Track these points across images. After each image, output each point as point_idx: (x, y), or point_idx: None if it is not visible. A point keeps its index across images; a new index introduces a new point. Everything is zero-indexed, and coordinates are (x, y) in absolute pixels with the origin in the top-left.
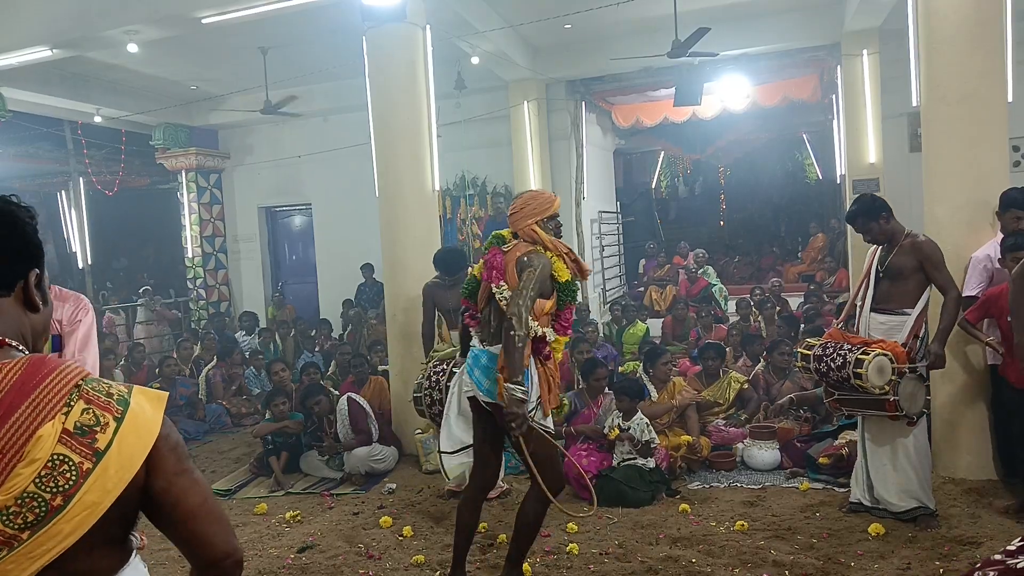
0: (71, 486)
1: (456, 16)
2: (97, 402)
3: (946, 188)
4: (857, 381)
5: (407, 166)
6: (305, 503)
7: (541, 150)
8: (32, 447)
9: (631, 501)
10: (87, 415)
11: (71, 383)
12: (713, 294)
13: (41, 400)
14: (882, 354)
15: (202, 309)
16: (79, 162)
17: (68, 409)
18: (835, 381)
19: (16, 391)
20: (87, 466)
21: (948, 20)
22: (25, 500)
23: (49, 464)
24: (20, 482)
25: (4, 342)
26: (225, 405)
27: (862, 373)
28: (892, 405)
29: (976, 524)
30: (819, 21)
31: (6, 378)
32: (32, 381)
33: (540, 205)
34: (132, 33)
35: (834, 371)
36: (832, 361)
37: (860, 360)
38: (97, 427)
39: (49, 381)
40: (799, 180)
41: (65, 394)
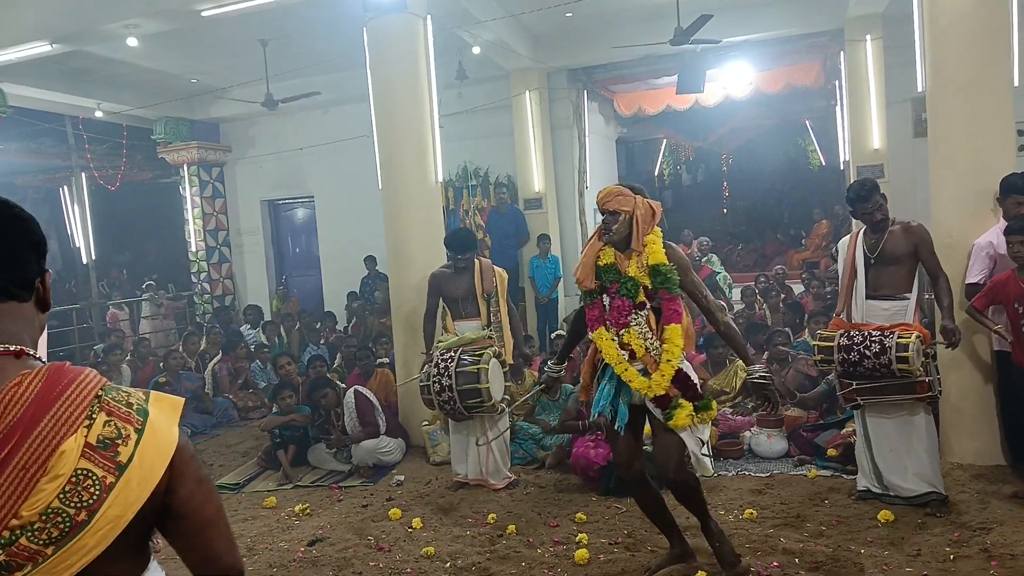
0: (95, 501)
1: (456, 5)
2: (118, 413)
3: (952, 174)
4: (902, 366)
5: (410, 157)
6: (314, 496)
7: (543, 139)
8: (56, 462)
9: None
10: (109, 427)
11: (92, 393)
12: (717, 282)
13: (63, 413)
14: (918, 336)
15: (206, 303)
16: (81, 157)
17: (90, 422)
18: (870, 368)
19: (38, 403)
20: (110, 480)
21: (953, 5)
22: (49, 516)
23: (73, 479)
24: (44, 498)
25: (23, 352)
26: (231, 399)
27: (908, 356)
28: (925, 386)
29: (986, 510)
30: (822, 7)
31: (28, 390)
32: (53, 392)
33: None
34: (132, 27)
35: (870, 358)
36: (867, 349)
37: (902, 344)
38: (119, 440)
39: (71, 392)
40: (801, 167)
41: (87, 406)
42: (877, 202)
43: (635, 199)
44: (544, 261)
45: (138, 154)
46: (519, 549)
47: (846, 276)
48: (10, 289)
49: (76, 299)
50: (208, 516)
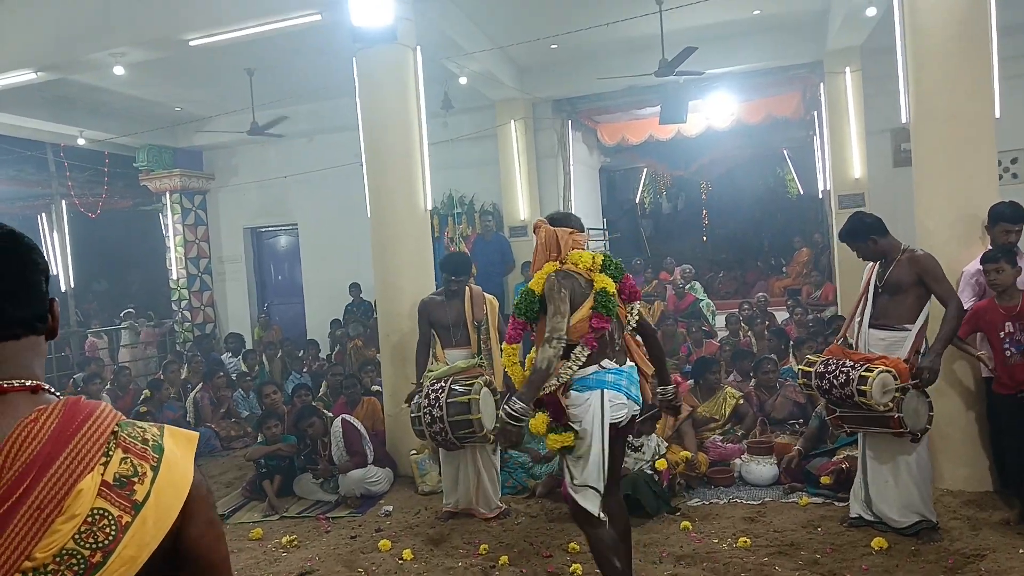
0: (110, 541)
1: (444, 37)
2: (134, 450)
3: (937, 203)
4: (861, 399)
5: (399, 186)
6: (301, 527)
7: (528, 168)
8: (72, 501)
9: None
10: (125, 465)
11: (108, 429)
12: (701, 309)
13: (80, 450)
14: (885, 371)
15: (187, 331)
16: (62, 184)
17: (107, 460)
18: (838, 398)
19: (54, 440)
20: (126, 520)
21: (935, 38)
22: (64, 558)
23: (88, 519)
24: (59, 539)
25: (39, 387)
26: (214, 428)
27: (866, 390)
28: (896, 422)
29: (978, 536)
30: (802, 40)
31: (44, 427)
32: (70, 429)
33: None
34: (118, 55)
35: (837, 388)
36: (835, 378)
37: (864, 377)
38: (135, 478)
39: (87, 428)
40: (780, 195)
41: (103, 443)
42: (856, 246)
43: (543, 228)
44: None
45: (120, 182)
46: None
47: (857, 302)
48: (34, 324)
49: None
50: (216, 560)
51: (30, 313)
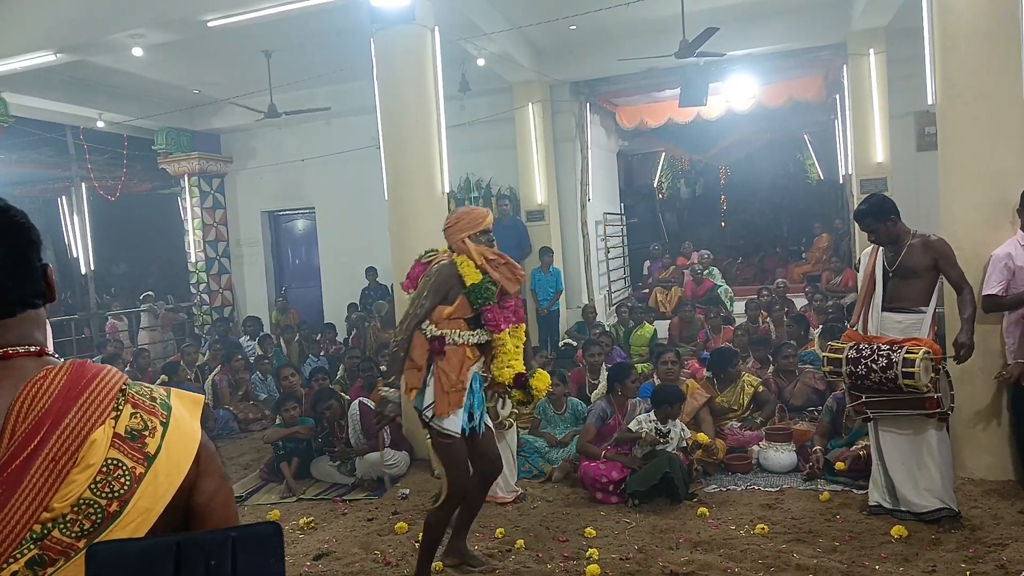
0: (126, 491)
1: (462, 18)
2: (143, 406)
3: (963, 187)
4: (908, 381)
5: (417, 168)
6: (318, 509)
7: (546, 152)
8: (87, 451)
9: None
10: (135, 419)
11: (116, 387)
12: (719, 295)
13: (91, 404)
14: (927, 351)
15: (205, 314)
16: (81, 167)
17: (117, 414)
18: (877, 383)
19: (64, 395)
20: (140, 470)
21: (964, 18)
22: (81, 507)
23: (104, 469)
24: (75, 488)
25: (43, 351)
26: (232, 411)
27: (914, 372)
28: (933, 402)
29: (999, 526)
30: (825, 21)
31: (53, 383)
32: (78, 386)
33: (472, 221)
34: (137, 37)
35: (877, 372)
36: (873, 363)
37: (909, 359)
38: (146, 431)
39: (96, 385)
40: (800, 180)
41: (112, 398)
42: (875, 226)
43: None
44: (546, 274)
45: (138, 164)
46: (528, 564)
47: (864, 288)
48: (32, 301)
49: (73, 310)
50: (230, 516)
51: (28, 291)
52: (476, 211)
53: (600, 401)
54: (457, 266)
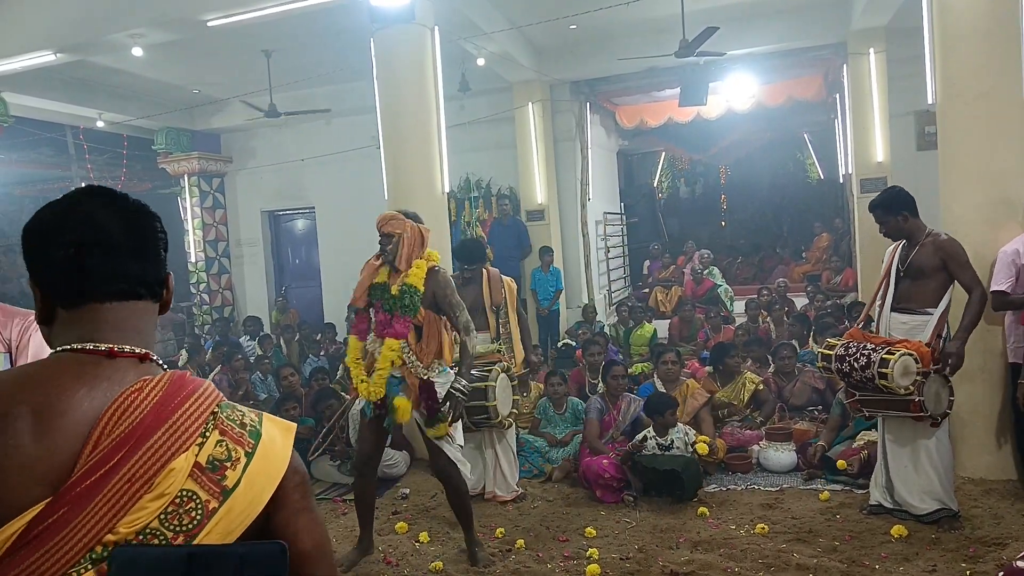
0: (195, 526)
1: (462, 17)
2: (231, 434)
3: (964, 186)
4: (882, 381)
5: (417, 168)
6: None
7: (546, 151)
8: (163, 479)
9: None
10: (220, 448)
11: (208, 409)
12: (719, 295)
13: (179, 427)
14: (907, 354)
15: (205, 314)
16: (81, 167)
17: (203, 440)
18: (858, 381)
19: (156, 413)
20: (213, 505)
21: (964, 17)
22: (147, 536)
23: (176, 500)
24: (144, 516)
25: (148, 356)
26: None
27: (887, 373)
28: (917, 406)
29: (1000, 525)
30: (825, 20)
31: (148, 397)
32: (172, 403)
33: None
34: (137, 37)
35: (857, 371)
36: (855, 361)
37: (885, 360)
38: (228, 462)
39: (189, 405)
40: (800, 180)
41: (202, 422)
42: (885, 220)
43: (406, 224)
44: (546, 273)
45: (138, 164)
46: (529, 564)
47: (878, 286)
48: (155, 288)
49: None
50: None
51: (154, 275)
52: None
53: (595, 397)
54: None
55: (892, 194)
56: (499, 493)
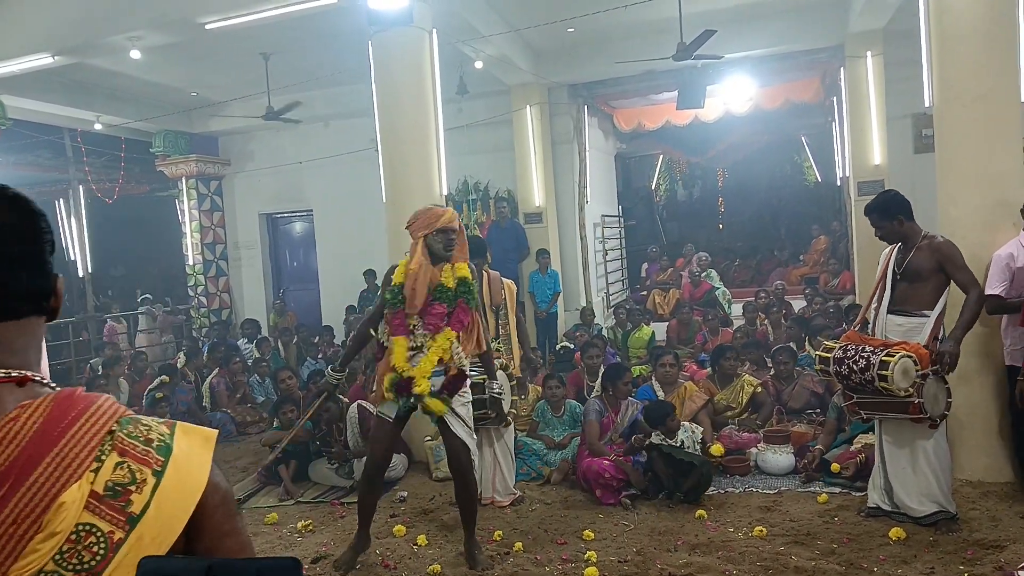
0: (98, 561)
1: (460, 20)
2: (133, 453)
3: (962, 188)
4: (882, 384)
5: (415, 170)
6: (316, 512)
7: (544, 154)
8: (53, 516)
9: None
10: (121, 471)
11: (104, 428)
12: (717, 297)
13: (67, 453)
14: (907, 356)
15: (203, 317)
16: (79, 170)
17: (98, 465)
18: (857, 383)
19: (37, 442)
20: (118, 536)
21: (961, 19)
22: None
23: (73, 536)
24: (37, 559)
25: (27, 378)
26: (230, 413)
27: (888, 375)
28: (916, 407)
29: (997, 527)
30: (823, 23)
31: (25, 427)
32: (57, 428)
33: (428, 219)
34: (135, 39)
35: (857, 373)
36: (855, 363)
37: (885, 362)
38: (132, 485)
39: (78, 428)
40: (797, 182)
41: (96, 444)
42: (881, 223)
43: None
44: (543, 276)
45: (136, 167)
46: (527, 567)
47: (874, 289)
48: (39, 300)
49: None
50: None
51: (36, 286)
52: (434, 210)
53: (594, 399)
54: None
55: (887, 198)
56: (497, 497)
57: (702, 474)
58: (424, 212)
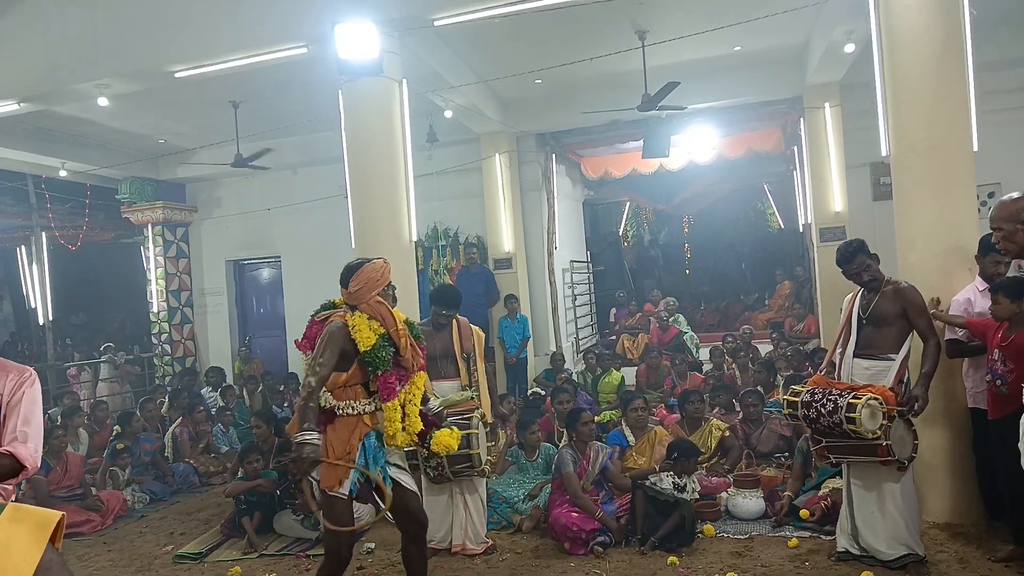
0: None
1: (430, 70)
2: None
3: (919, 235)
4: (850, 426)
5: (384, 218)
6: (280, 565)
7: (513, 201)
8: None
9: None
10: None
11: None
12: (685, 342)
13: None
14: (873, 398)
15: (167, 364)
16: (42, 216)
17: None
18: (825, 427)
19: None
20: None
21: (913, 73)
22: None
23: None
24: None
25: None
26: (193, 464)
27: (855, 418)
28: (884, 450)
29: (966, 569)
30: (782, 75)
31: None
32: None
33: (380, 277)
34: (103, 87)
35: (824, 417)
36: (822, 407)
37: (852, 404)
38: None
39: None
40: (761, 229)
41: None
42: (863, 262)
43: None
44: (513, 321)
45: (101, 214)
46: None
47: (839, 333)
48: None
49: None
50: None
51: None
52: (375, 264)
53: (565, 448)
54: (350, 328)
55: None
56: (469, 545)
57: (683, 516)
58: (371, 270)
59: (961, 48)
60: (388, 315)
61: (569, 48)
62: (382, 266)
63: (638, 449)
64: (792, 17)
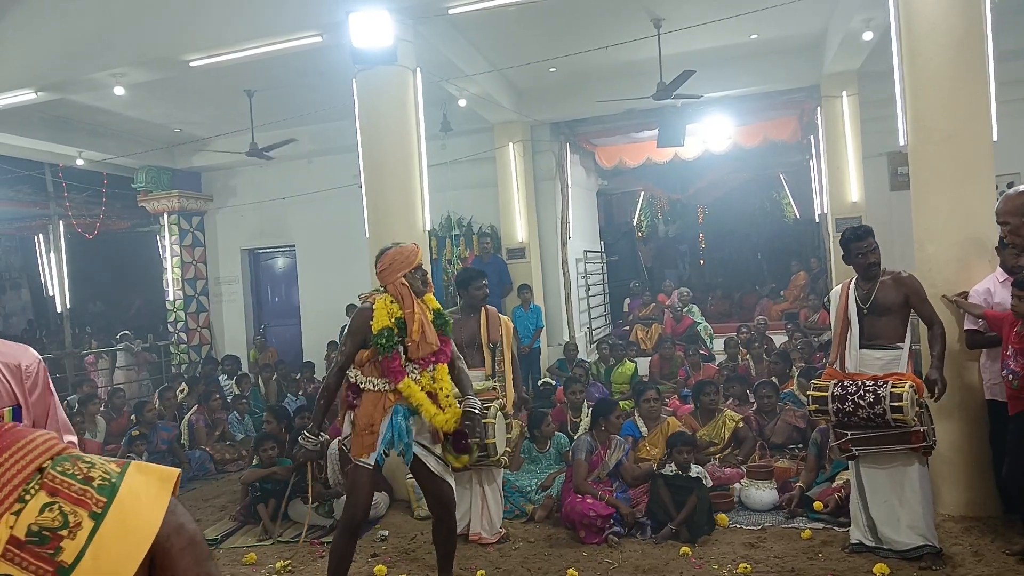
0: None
1: (444, 59)
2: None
3: (936, 226)
4: (896, 415)
5: (398, 206)
6: (295, 552)
7: (527, 191)
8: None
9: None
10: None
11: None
12: (699, 332)
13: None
14: (911, 385)
15: (183, 352)
16: (59, 205)
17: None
18: (864, 419)
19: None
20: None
21: (932, 62)
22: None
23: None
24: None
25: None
26: (208, 451)
27: (902, 406)
28: (920, 436)
29: (981, 562)
30: (799, 64)
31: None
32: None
33: (405, 259)
34: (119, 76)
35: (864, 408)
36: (860, 399)
37: (896, 394)
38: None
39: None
40: (776, 219)
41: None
42: (872, 244)
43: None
44: (526, 311)
45: (117, 202)
46: None
47: (839, 326)
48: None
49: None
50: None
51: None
52: (406, 248)
53: (584, 436)
54: (373, 309)
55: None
56: (484, 534)
57: (699, 498)
58: (396, 252)
59: (981, 36)
60: (408, 297)
61: (584, 36)
62: (409, 249)
63: (651, 440)
64: (810, 5)
